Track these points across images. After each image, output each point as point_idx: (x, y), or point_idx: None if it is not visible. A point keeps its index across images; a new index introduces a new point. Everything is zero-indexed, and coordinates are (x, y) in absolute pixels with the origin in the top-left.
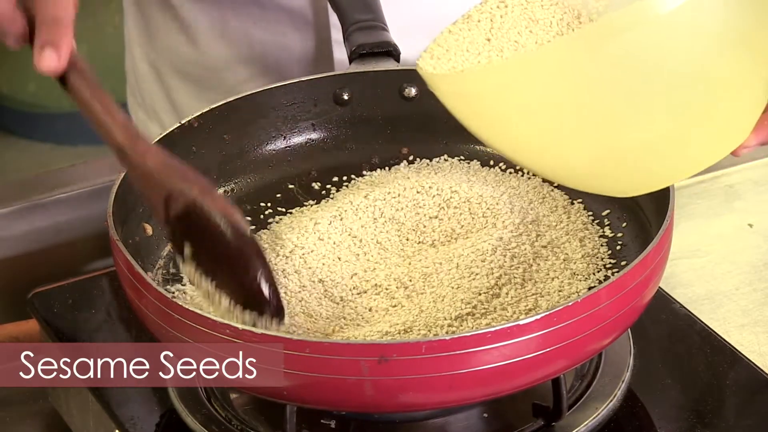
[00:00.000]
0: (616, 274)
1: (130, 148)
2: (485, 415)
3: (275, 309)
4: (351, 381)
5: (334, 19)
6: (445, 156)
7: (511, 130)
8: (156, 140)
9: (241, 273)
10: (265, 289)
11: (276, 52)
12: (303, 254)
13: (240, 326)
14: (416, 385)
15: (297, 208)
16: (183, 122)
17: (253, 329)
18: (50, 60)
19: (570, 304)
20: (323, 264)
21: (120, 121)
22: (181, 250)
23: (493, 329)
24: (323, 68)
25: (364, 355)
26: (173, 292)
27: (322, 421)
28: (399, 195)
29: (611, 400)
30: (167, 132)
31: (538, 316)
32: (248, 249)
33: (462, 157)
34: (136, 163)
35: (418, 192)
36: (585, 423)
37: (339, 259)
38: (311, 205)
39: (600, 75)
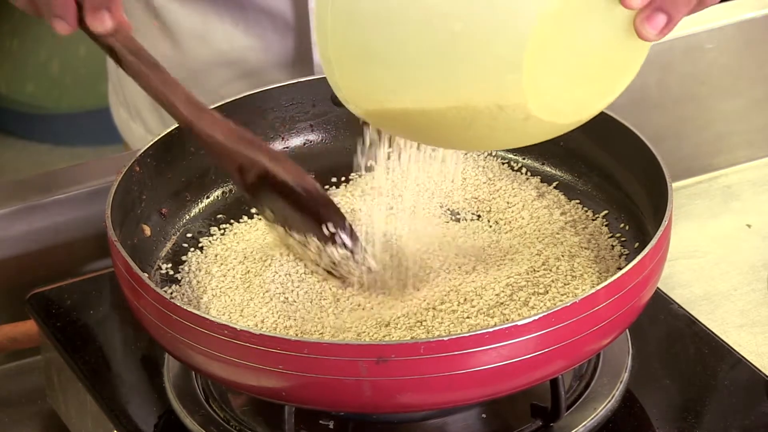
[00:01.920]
0: (614, 274)
1: (197, 123)
2: (483, 415)
3: (354, 244)
4: (349, 381)
5: (314, 21)
6: (443, 155)
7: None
8: (154, 141)
9: (317, 224)
10: (342, 235)
11: (256, 55)
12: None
13: (238, 327)
14: (415, 386)
15: None
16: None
17: (252, 329)
18: (104, 20)
19: (568, 304)
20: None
21: (182, 94)
22: (263, 212)
23: (491, 330)
24: (304, 71)
25: (363, 356)
26: (171, 293)
27: (320, 421)
28: (399, 195)
29: (609, 401)
30: (165, 132)
31: (537, 317)
32: (321, 204)
33: (459, 156)
34: (205, 135)
35: (417, 192)
36: (583, 423)
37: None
38: None
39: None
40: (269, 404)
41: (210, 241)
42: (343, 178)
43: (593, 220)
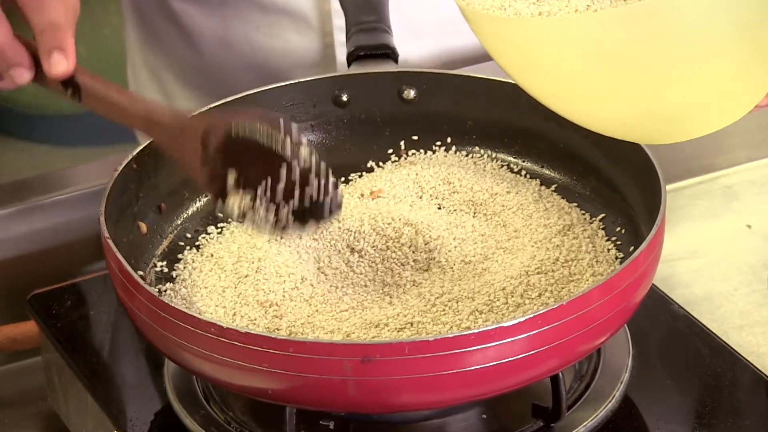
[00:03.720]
0: (605, 275)
1: (158, 114)
2: (484, 416)
3: (335, 204)
4: (335, 381)
5: (337, 21)
6: (444, 157)
7: (550, 79)
8: (152, 139)
9: (294, 172)
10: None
11: (279, 58)
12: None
13: (224, 325)
14: (400, 386)
15: None
16: None
17: (238, 328)
18: (60, 62)
19: (554, 307)
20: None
21: (138, 98)
22: (222, 189)
23: (476, 331)
24: (327, 72)
25: (348, 355)
26: (165, 291)
27: (320, 422)
28: (396, 196)
29: (610, 401)
30: None
31: (522, 319)
32: (287, 129)
33: (460, 158)
34: (167, 122)
35: (416, 193)
36: (584, 424)
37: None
38: None
39: (646, 41)
40: (269, 405)
41: (206, 240)
42: (342, 179)
43: (590, 223)
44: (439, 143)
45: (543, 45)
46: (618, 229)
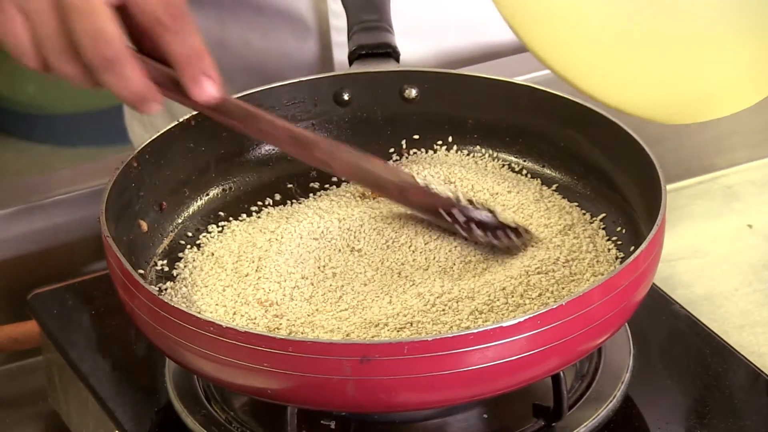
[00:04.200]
0: (605, 275)
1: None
2: (485, 415)
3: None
4: (334, 381)
5: (334, 22)
6: (445, 156)
7: (576, 54)
8: (153, 138)
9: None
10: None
11: (276, 60)
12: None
13: (223, 324)
14: (399, 386)
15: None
16: (180, 120)
17: (237, 327)
18: (211, 89)
19: (555, 306)
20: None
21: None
22: None
23: (475, 331)
24: (324, 72)
25: (347, 355)
26: (166, 290)
27: (321, 422)
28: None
29: (611, 401)
30: (164, 130)
31: (522, 318)
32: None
33: (461, 158)
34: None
35: None
36: (585, 424)
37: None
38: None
39: (676, 14)
40: (271, 404)
41: (207, 239)
42: (343, 177)
43: (591, 223)
44: (440, 142)
45: (572, 19)
46: (618, 228)
